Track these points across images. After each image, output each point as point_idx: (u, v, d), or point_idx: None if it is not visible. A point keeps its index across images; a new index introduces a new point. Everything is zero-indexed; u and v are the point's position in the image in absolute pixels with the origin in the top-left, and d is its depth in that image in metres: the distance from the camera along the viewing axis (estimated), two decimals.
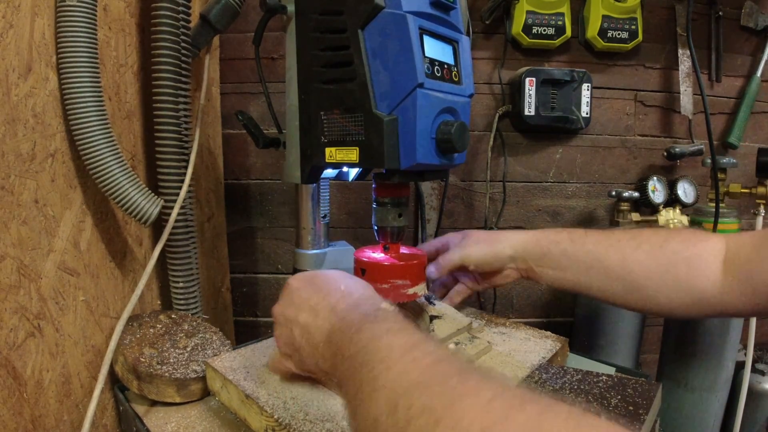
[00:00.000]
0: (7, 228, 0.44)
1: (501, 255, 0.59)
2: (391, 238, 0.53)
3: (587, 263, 0.55)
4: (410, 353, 0.28)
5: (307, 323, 0.38)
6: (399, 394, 0.25)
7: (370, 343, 0.30)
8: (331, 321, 0.37)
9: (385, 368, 0.27)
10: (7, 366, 0.44)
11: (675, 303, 0.50)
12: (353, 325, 0.33)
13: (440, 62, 0.48)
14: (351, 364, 0.31)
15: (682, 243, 0.51)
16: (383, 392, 0.26)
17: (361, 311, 0.35)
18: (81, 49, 0.49)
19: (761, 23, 1.07)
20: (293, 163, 0.55)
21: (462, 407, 0.22)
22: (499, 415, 0.21)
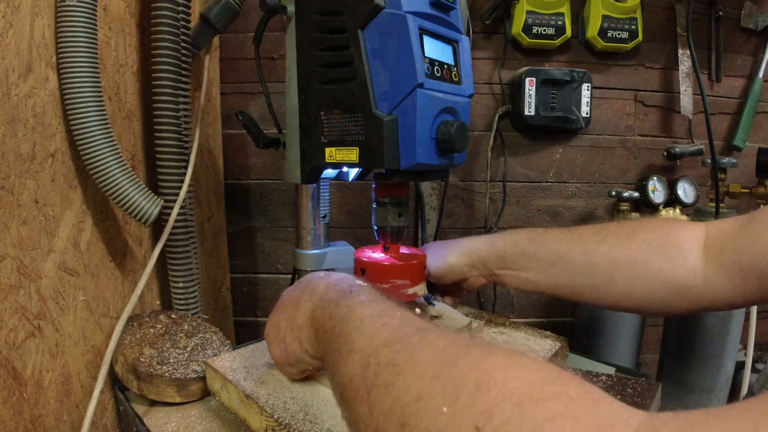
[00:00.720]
0: (7, 228, 0.44)
1: (456, 264, 0.58)
2: (391, 238, 0.53)
3: (548, 261, 0.53)
4: (380, 319, 0.31)
5: (291, 313, 0.42)
6: (369, 354, 0.28)
7: (346, 315, 0.34)
8: (313, 302, 0.40)
9: (359, 335, 0.31)
10: (7, 366, 0.44)
11: (651, 297, 0.48)
12: (332, 301, 0.37)
13: (440, 62, 0.48)
14: (331, 336, 0.34)
15: (652, 233, 0.49)
16: (357, 354, 0.29)
17: (339, 289, 0.38)
18: (81, 49, 0.49)
19: (761, 23, 1.07)
20: (293, 163, 0.55)
21: (419, 357, 0.26)
22: (448, 360, 0.25)
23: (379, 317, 0.32)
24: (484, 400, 0.21)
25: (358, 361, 0.29)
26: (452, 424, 0.21)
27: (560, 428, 0.19)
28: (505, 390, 0.21)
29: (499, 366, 0.23)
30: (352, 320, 0.33)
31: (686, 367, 0.93)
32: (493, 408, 0.21)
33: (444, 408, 0.22)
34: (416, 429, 0.23)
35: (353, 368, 0.29)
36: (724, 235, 0.45)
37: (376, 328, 0.31)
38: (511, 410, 0.20)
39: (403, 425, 0.23)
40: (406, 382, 0.25)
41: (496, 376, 0.22)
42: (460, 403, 0.22)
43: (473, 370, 0.23)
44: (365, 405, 0.26)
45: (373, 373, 0.27)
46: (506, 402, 0.21)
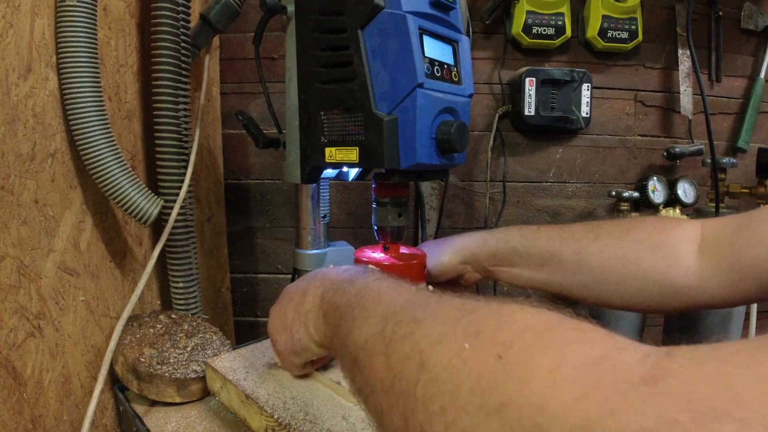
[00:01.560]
0: (7, 228, 0.44)
1: (450, 262, 0.58)
2: (391, 238, 0.53)
3: (540, 259, 0.53)
4: (397, 289, 0.32)
5: (298, 301, 0.42)
6: (387, 316, 0.28)
7: (361, 290, 0.34)
8: (324, 286, 0.39)
9: (376, 303, 0.31)
10: (7, 366, 0.44)
11: (643, 296, 0.47)
12: (345, 281, 0.37)
13: (440, 62, 0.48)
14: (343, 311, 0.34)
15: (646, 232, 0.49)
16: (374, 318, 0.29)
17: (352, 271, 0.39)
18: (81, 49, 0.49)
19: (761, 24, 1.07)
20: (293, 163, 0.55)
21: (439, 311, 0.26)
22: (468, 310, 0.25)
23: (395, 289, 0.32)
24: (505, 333, 0.22)
25: (376, 324, 0.28)
26: (473, 356, 0.21)
27: (580, 350, 0.19)
28: (525, 325, 0.22)
29: (518, 309, 0.24)
30: (369, 293, 0.33)
31: None
32: (513, 338, 0.21)
33: (466, 344, 0.22)
34: (436, 367, 0.22)
35: (370, 330, 0.29)
36: (722, 235, 0.44)
37: (393, 297, 0.31)
38: (532, 338, 0.21)
39: (422, 364, 0.23)
40: (426, 330, 0.25)
41: (516, 316, 0.23)
42: (482, 338, 0.22)
43: (494, 313, 0.24)
44: (382, 357, 0.26)
45: (392, 330, 0.27)
46: (527, 332, 0.21)
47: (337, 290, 0.37)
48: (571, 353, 0.19)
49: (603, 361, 0.18)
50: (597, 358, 0.19)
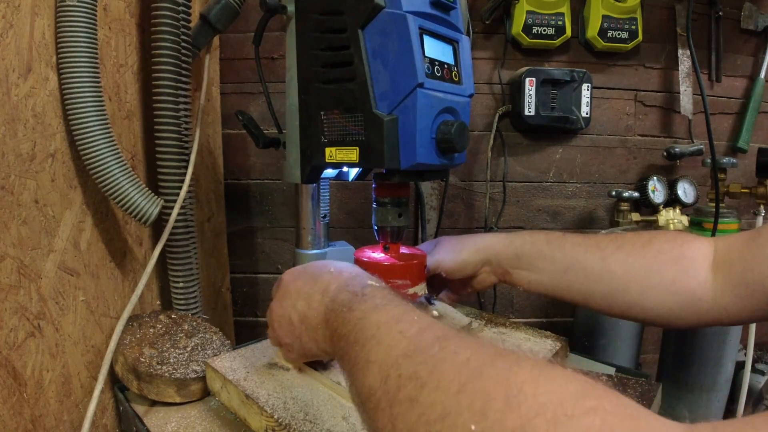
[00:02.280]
0: (7, 228, 0.44)
1: (471, 260, 0.57)
2: (391, 238, 0.53)
3: (565, 264, 0.52)
4: (396, 326, 0.31)
5: (303, 311, 0.41)
6: (389, 366, 0.28)
7: (359, 322, 0.33)
8: (325, 303, 0.39)
9: (376, 344, 0.30)
10: (7, 366, 0.44)
11: (662, 308, 0.48)
12: (345, 305, 0.36)
13: (440, 62, 0.48)
14: (346, 342, 0.34)
15: (668, 243, 0.49)
16: (375, 365, 0.29)
17: (350, 290, 0.38)
18: (81, 49, 0.49)
19: (761, 24, 1.07)
20: (293, 163, 0.55)
21: (442, 369, 0.25)
22: (473, 372, 0.24)
23: (396, 323, 0.31)
24: (514, 416, 0.20)
25: (377, 373, 0.28)
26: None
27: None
28: (536, 405, 0.20)
29: (529, 379, 0.22)
30: (368, 328, 0.32)
31: (686, 367, 0.93)
32: (524, 425, 0.20)
33: (472, 426, 0.21)
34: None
35: (372, 380, 0.28)
36: (731, 251, 0.45)
37: (393, 336, 0.30)
38: (545, 427, 0.19)
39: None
40: (430, 398, 0.24)
41: (526, 390, 0.21)
42: (489, 420, 0.21)
43: (501, 383, 0.22)
44: (387, 419, 0.26)
45: (395, 387, 0.26)
46: (538, 418, 0.20)
47: (338, 314, 0.36)
48: None
49: None
50: None
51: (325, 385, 0.47)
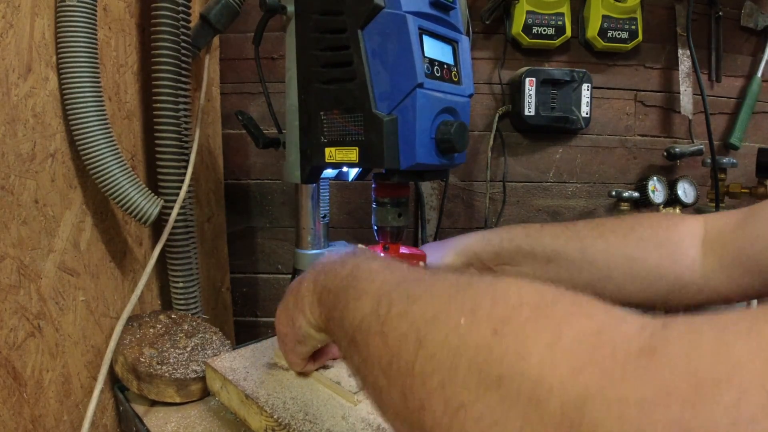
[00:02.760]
0: (7, 228, 0.44)
1: (453, 263, 0.58)
2: (391, 238, 0.53)
3: (546, 257, 0.53)
4: (389, 268, 0.32)
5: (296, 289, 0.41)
6: (381, 294, 0.28)
7: (353, 269, 0.33)
8: (316, 270, 0.39)
9: (369, 282, 0.30)
10: (7, 366, 0.44)
11: (649, 293, 0.48)
12: (336, 263, 0.37)
13: (440, 62, 0.48)
14: (337, 292, 0.34)
15: (650, 228, 0.49)
16: (368, 296, 0.29)
17: (341, 254, 0.38)
18: (81, 49, 0.49)
19: (761, 23, 1.07)
20: (293, 163, 0.55)
21: (434, 287, 0.26)
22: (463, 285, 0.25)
23: (387, 268, 0.32)
24: (501, 307, 0.22)
25: (369, 302, 0.28)
26: (470, 331, 0.22)
27: (577, 324, 0.19)
28: (521, 299, 0.22)
29: (513, 284, 0.23)
30: (360, 272, 0.32)
31: None
32: (510, 313, 0.21)
33: (462, 320, 0.22)
34: (433, 344, 0.22)
35: (364, 309, 0.28)
36: (724, 230, 0.45)
37: (386, 275, 0.30)
38: (528, 313, 0.21)
39: (420, 342, 0.23)
40: (422, 308, 0.25)
41: (511, 290, 0.23)
42: (478, 313, 0.22)
43: (489, 288, 0.24)
44: (378, 337, 0.26)
45: (386, 309, 0.27)
46: (523, 307, 0.21)
47: (329, 272, 0.37)
48: (568, 327, 0.19)
49: (600, 334, 0.18)
50: (594, 331, 0.19)
51: (324, 385, 0.47)
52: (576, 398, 0.17)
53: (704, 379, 0.15)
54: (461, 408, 0.20)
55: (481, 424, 0.19)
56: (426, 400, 0.22)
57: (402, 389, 0.23)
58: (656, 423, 0.14)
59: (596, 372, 0.17)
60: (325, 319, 0.36)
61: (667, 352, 0.16)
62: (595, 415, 0.16)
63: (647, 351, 0.16)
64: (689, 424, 0.14)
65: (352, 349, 0.29)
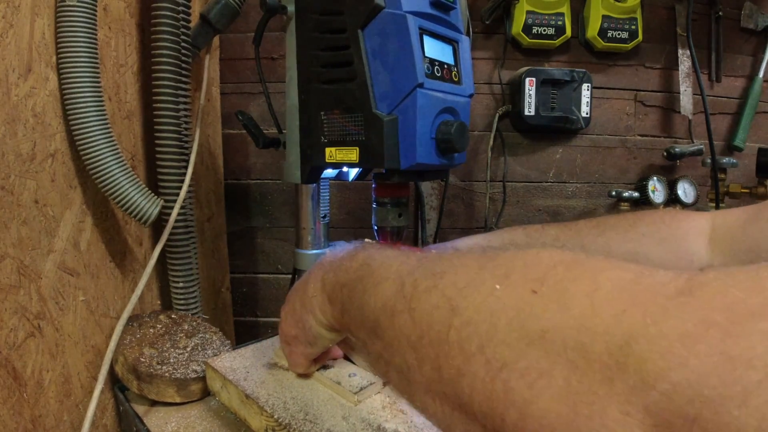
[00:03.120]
0: (7, 228, 0.44)
1: None
2: (391, 238, 0.53)
3: None
4: (406, 254, 0.31)
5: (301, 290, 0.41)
6: (403, 275, 0.28)
7: (366, 259, 0.33)
8: (322, 269, 0.39)
9: (386, 268, 0.30)
10: (7, 366, 0.44)
11: None
12: (344, 258, 0.36)
13: (440, 62, 0.48)
14: (351, 284, 0.33)
15: (653, 225, 0.48)
16: (388, 282, 0.28)
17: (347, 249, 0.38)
18: (81, 49, 0.49)
19: (761, 24, 1.07)
20: (293, 163, 0.55)
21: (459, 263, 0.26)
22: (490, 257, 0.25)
23: (402, 254, 0.31)
24: (535, 270, 0.22)
25: (392, 285, 0.28)
26: (507, 293, 0.22)
27: (614, 274, 0.20)
28: (553, 260, 0.22)
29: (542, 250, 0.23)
30: (374, 261, 0.32)
31: None
32: (546, 273, 0.21)
33: (497, 285, 0.22)
34: (468, 309, 0.22)
35: (386, 292, 0.28)
36: (734, 226, 0.44)
37: (402, 259, 0.30)
38: (563, 271, 0.21)
39: (453, 310, 0.23)
40: (451, 279, 0.25)
41: (542, 255, 0.23)
42: (512, 278, 0.22)
43: (518, 255, 0.24)
44: (405, 314, 0.26)
45: (411, 287, 0.26)
46: (558, 267, 0.21)
47: (338, 268, 0.36)
48: (605, 278, 0.20)
49: (638, 280, 0.19)
50: (632, 279, 0.19)
51: (324, 385, 0.47)
52: (620, 339, 0.17)
53: (740, 311, 0.15)
54: (504, 367, 0.20)
55: (526, 378, 0.19)
56: (464, 365, 0.22)
57: (435, 360, 0.23)
58: (699, 353, 0.15)
59: (638, 313, 0.17)
60: (339, 314, 0.36)
61: (703, 291, 0.17)
62: (640, 353, 0.16)
63: (686, 291, 0.17)
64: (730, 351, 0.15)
65: (372, 337, 0.29)
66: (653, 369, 0.16)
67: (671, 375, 0.15)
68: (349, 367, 0.49)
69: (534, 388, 0.19)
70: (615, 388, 0.17)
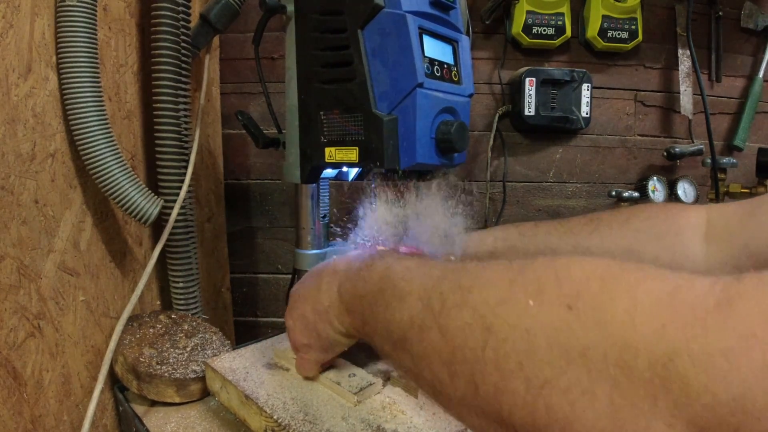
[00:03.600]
0: (7, 228, 0.44)
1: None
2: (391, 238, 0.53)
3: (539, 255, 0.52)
4: (426, 265, 0.30)
5: (313, 298, 0.40)
6: (428, 289, 0.27)
7: (385, 271, 0.32)
8: (337, 279, 0.38)
9: (407, 282, 0.29)
10: (7, 366, 0.44)
11: None
12: (362, 269, 0.35)
13: (440, 62, 0.48)
14: (371, 297, 0.32)
15: (648, 220, 0.48)
16: (412, 296, 0.28)
17: (364, 257, 0.37)
18: (81, 49, 0.49)
19: (761, 24, 1.07)
20: (293, 163, 0.55)
21: (485, 275, 0.25)
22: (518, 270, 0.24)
23: (423, 265, 0.31)
24: (568, 284, 0.22)
25: (416, 300, 0.27)
26: (543, 311, 0.21)
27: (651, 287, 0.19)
28: (585, 273, 0.22)
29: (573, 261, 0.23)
30: (394, 273, 0.31)
31: None
32: (580, 288, 0.21)
33: (530, 301, 0.22)
34: (504, 328, 0.22)
35: (412, 308, 0.28)
36: (730, 220, 0.44)
37: (424, 271, 0.30)
38: (598, 285, 0.21)
39: (487, 328, 0.23)
40: (481, 295, 0.24)
41: (573, 266, 0.23)
42: (546, 293, 0.22)
43: (547, 269, 0.23)
44: (435, 331, 0.25)
45: (438, 303, 0.26)
46: (591, 280, 0.21)
47: (356, 278, 0.36)
48: (642, 291, 0.19)
49: (676, 293, 0.19)
50: (669, 291, 0.19)
51: (324, 385, 0.47)
52: (663, 356, 0.17)
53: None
54: (545, 385, 0.20)
55: (569, 395, 0.19)
56: (502, 383, 0.22)
57: (470, 377, 0.23)
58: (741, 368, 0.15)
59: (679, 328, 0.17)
60: (359, 324, 0.35)
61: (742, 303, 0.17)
62: (683, 370, 0.16)
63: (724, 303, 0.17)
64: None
65: (400, 350, 0.28)
66: (697, 384, 0.16)
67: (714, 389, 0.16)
68: (349, 367, 0.49)
69: (577, 405, 0.19)
70: (659, 403, 0.17)
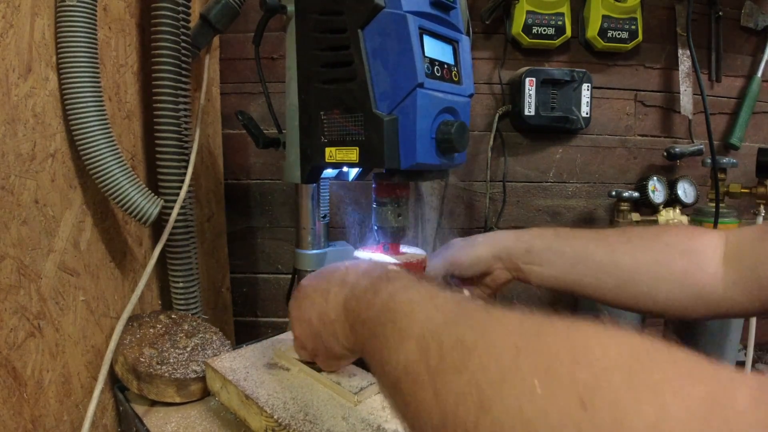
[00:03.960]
0: (7, 228, 0.44)
1: (483, 256, 0.57)
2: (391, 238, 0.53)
3: (574, 258, 0.53)
4: (431, 302, 0.28)
5: (321, 307, 0.40)
6: (428, 337, 0.25)
7: (389, 301, 0.31)
8: (344, 293, 0.37)
9: (410, 320, 0.28)
10: (7, 366, 0.44)
11: (673, 299, 0.48)
12: (368, 290, 0.34)
13: (440, 62, 0.48)
14: (372, 325, 0.31)
15: (677, 236, 0.49)
16: (411, 340, 0.26)
17: (372, 276, 0.36)
18: (81, 49, 0.49)
19: (761, 23, 1.07)
20: (293, 163, 0.55)
21: (492, 333, 0.23)
22: (529, 333, 0.22)
23: (430, 300, 0.29)
24: (585, 369, 0.19)
25: (415, 347, 0.25)
26: (550, 401, 0.18)
27: (684, 391, 0.17)
28: (608, 358, 0.19)
29: (593, 335, 0.20)
30: (399, 307, 0.29)
31: None
32: (598, 378, 0.18)
33: (536, 382, 0.19)
34: (501, 409, 0.19)
35: (408, 355, 0.25)
36: (743, 245, 0.45)
37: (429, 310, 0.27)
38: (621, 377, 0.18)
39: (482, 405, 0.20)
40: (481, 362, 0.21)
41: (592, 343, 0.20)
42: (557, 377, 0.19)
43: (563, 341, 0.20)
44: (429, 390, 0.23)
45: (437, 357, 0.23)
46: (614, 370, 0.18)
47: (360, 299, 0.34)
48: (673, 398, 0.17)
49: (711, 407, 0.16)
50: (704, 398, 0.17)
51: (325, 385, 0.47)
52: None
53: None
54: None
55: None
56: None
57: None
58: None
59: None
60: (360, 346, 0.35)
61: None
62: None
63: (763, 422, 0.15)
64: None
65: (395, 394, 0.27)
66: None
67: None
68: (349, 367, 0.49)
69: None
70: None
